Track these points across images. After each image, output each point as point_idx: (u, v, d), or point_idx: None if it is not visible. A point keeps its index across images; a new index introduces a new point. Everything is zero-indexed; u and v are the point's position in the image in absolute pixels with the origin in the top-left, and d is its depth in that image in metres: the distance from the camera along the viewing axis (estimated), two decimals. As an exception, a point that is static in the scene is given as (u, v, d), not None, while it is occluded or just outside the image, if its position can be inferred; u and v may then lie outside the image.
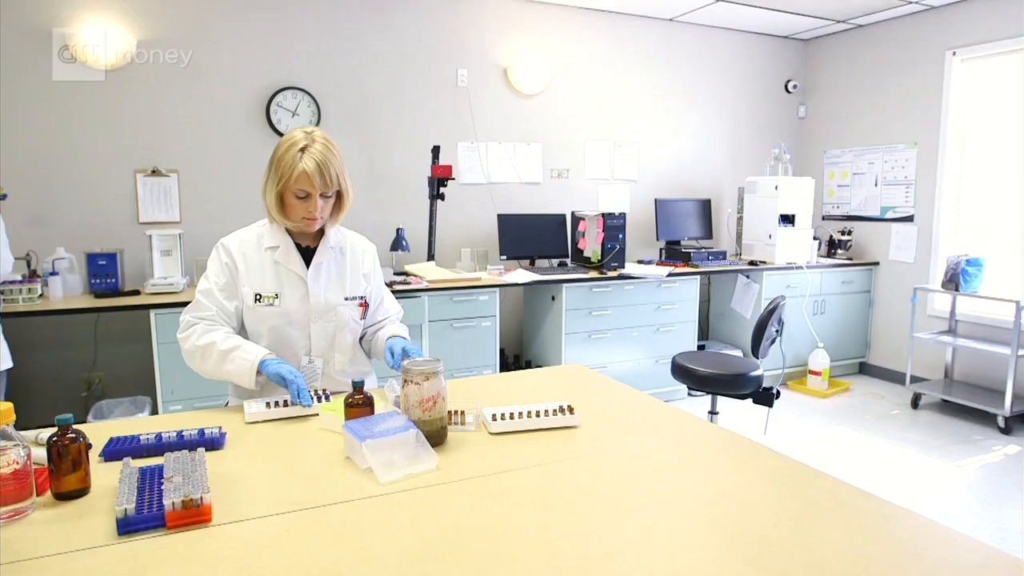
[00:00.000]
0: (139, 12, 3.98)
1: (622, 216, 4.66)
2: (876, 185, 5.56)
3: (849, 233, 5.63)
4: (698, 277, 4.93)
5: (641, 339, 4.74)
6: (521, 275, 4.42)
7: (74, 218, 3.94)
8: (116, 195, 4.03)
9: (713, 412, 3.44)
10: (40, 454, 1.30)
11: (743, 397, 3.25)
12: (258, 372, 1.76)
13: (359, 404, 1.51)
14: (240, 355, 1.77)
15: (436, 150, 4.46)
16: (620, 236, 4.65)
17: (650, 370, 4.75)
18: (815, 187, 5.51)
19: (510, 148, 5.04)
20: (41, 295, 3.56)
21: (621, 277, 4.59)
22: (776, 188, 5.12)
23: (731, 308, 5.41)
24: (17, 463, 1.19)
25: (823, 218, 5.97)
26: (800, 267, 5.18)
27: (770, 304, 3.54)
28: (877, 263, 5.58)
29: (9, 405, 1.20)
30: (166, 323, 3.51)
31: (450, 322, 4.12)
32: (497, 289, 4.27)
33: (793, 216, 5.16)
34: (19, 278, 3.53)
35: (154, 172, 4.10)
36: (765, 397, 3.22)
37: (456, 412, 1.59)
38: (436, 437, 1.46)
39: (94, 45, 3.88)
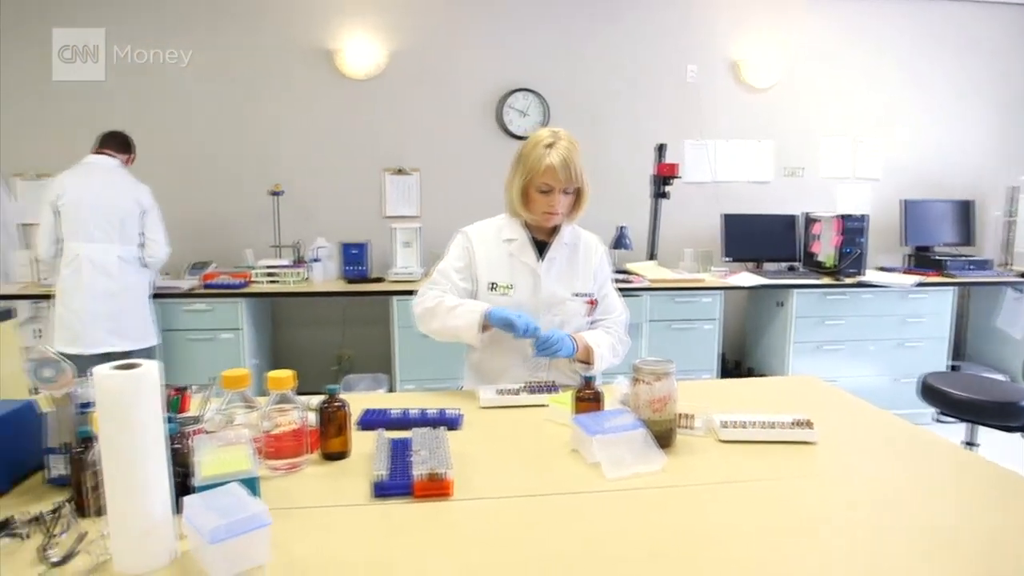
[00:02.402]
0: (390, 27, 4.39)
1: (863, 218, 4.26)
2: None
3: None
4: (953, 289, 4.36)
5: (879, 354, 4.30)
6: (746, 278, 4.21)
7: (332, 211, 4.45)
8: (367, 191, 4.50)
9: (971, 443, 3.03)
10: (310, 418, 1.49)
11: (1011, 429, 2.82)
12: (484, 328, 1.85)
13: (589, 399, 1.54)
14: (466, 309, 1.88)
15: (661, 148, 4.40)
16: (860, 240, 4.26)
17: (888, 389, 4.29)
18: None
19: (739, 145, 4.82)
20: (305, 279, 4.07)
21: (860, 285, 4.20)
22: (1062, 188, 4.38)
23: (996, 326, 4.72)
24: (295, 423, 1.37)
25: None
26: (1090, 282, 4.38)
27: (1050, 323, 3.03)
28: None
29: (292, 372, 1.38)
30: (405, 309, 3.81)
31: (670, 323, 4.04)
32: (720, 291, 4.12)
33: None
34: (289, 263, 4.06)
35: (399, 171, 4.50)
36: (1041, 431, 2.78)
37: (684, 415, 1.56)
38: (664, 438, 1.44)
39: (354, 57, 4.35)
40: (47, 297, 3.59)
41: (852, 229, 4.25)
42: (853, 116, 4.92)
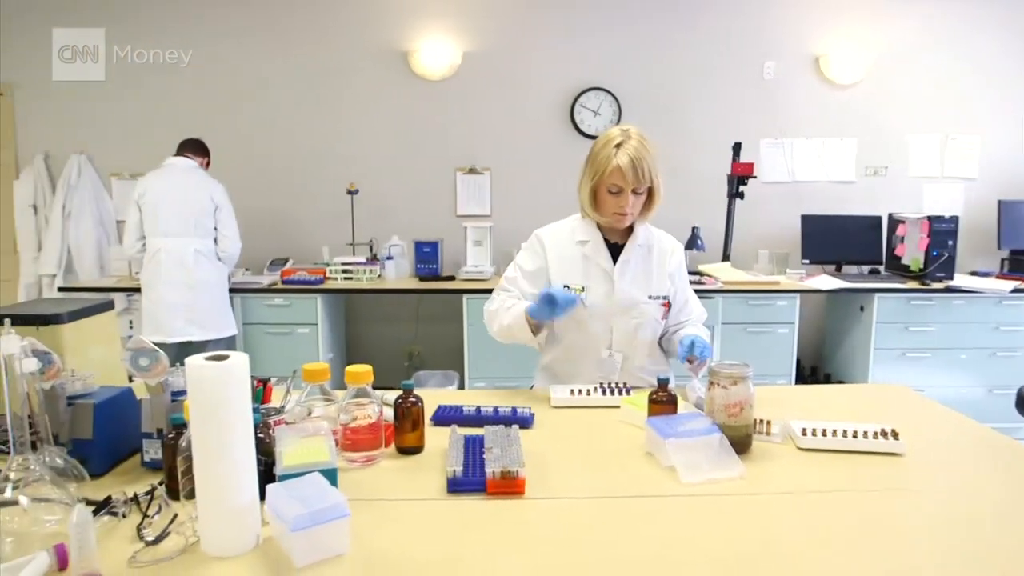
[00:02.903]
0: (465, 28, 4.44)
1: (953, 220, 4.06)
2: None
3: None
4: (1054, 295, 4.10)
5: (971, 363, 4.08)
6: (826, 281, 4.07)
7: (406, 210, 4.54)
8: (439, 190, 4.56)
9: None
10: (386, 413, 1.52)
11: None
12: (536, 331, 1.86)
13: (663, 401, 1.52)
14: (516, 308, 1.89)
15: (737, 147, 4.30)
16: (950, 243, 4.05)
17: (982, 400, 4.06)
18: None
19: (819, 144, 4.66)
20: (379, 276, 4.15)
21: (949, 290, 4.00)
22: None
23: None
24: (372, 417, 1.40)
25: None
26: None
27: None
28: None
29: (369, 367, 1.41)
30: (476, 307, 3.87)
31: (744, 326, 3.94)
32: (797, 295, 3.99)
33: None
34: (363, 260, 4.16)
35: (471, 170, 4.55)
36: None
37: (761, 421, 1.52)
38: (741, 444, 1.41)
39: (429, 58, 4.41)
40: (138, 290, 3.79)
41: (941, 231, 4.05)
42: (945, 112, 4.68)
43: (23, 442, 1.07)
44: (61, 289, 4.19)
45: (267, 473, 1.14)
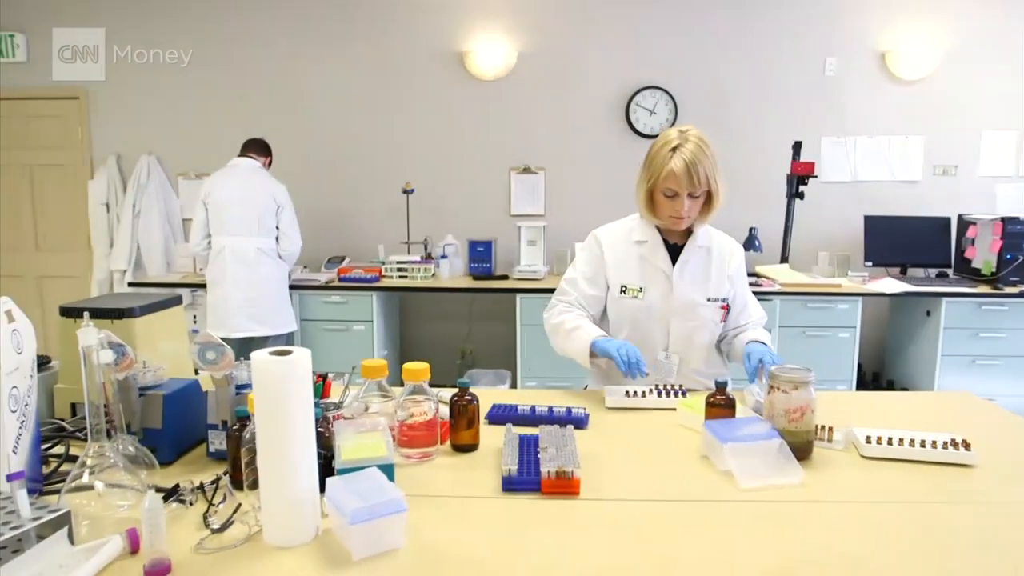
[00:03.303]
0: (520, 28, 4.45)
1: (1029, 221, 3.88)
2: None
3: None
4: None
5: (1047, 372, 3.90)
6: (889, 284, 3.94)
7: (460, 209, 4.57)
8: (493, 190, 4.59)
9: None
10: (442, 410, 1.53)
11: None
12: (593, 355, 1.85)
13: (721, 405, 1.49)
14: (579, 335, 1.88)
15: (797, 146, 4.19)
16: (1025, 245, 3.88)
17: (1056, 410, 3.88)
18: None
19: (883, 142, 4.52)
20: (433, 274, 4.20)
21: (1023, 295, 3.83)
22: None
23: None
24: (427, 414, 1.42)
25: None
26: None
27: None
28: None
29: (426, 365, 1.43)
30: (529, 306, 3.87)
31: (803, 329, 3.85)
32: (859, 298, 3.88)
33: None
34: (418, 259, 4.21)
35: (525, 170, 4.55)
36: None
37: (823, 427, 1.48)
38: (801, 451, 1.37)
39: (484, 58, 4.44)
40: (202, 286, 3.92)
41: (1016, 233, 3.87)
42: (1020, 109, 4.48)
43: (99, 430, 1.11)
44: (130, 284, 4.37)
45: (326, 467, 1.17)
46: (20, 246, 4.90)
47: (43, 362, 1.60)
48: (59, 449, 1.40)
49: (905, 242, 4.31)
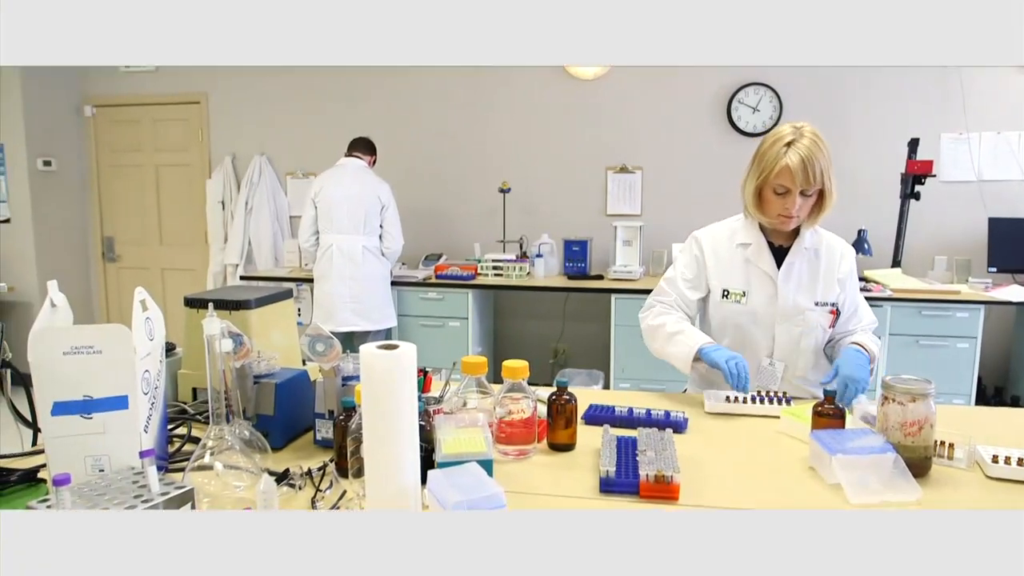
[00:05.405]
0: (622, 23, 4.39)
1: None
2: None
3: None
4: None
5: None
6: (1018, 292, 3.65)
7: (556, 208, 4.58)
8: (589, 189, 4.56)
9: None
10: (539, 408, 1.54)
11: None
12: (696, 359, 1.79)
13: (829, 414, 1.43)
14: (682, 339, 1.83)
15: (914, 143, 3.95)
16: None
17: None
18: None
19: (1013, 138, 4.19)
20: (528, 273, 4.22)
21: None
22: None
23: None
24: (525, 412, 1.43)
25: None
26: None
27: None
28: None
29: (526, 363, 1.44)
30: (624, 307, 3.83)
31: (916, 338, 3.63)
32: (981, 306, 3.61)
33: None
34: (513, 257, 4.25)
35: (622, 169, 4.51)
36: None
37: (942, 443, 1.39)
38: (918, 467, 1.30)
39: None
40: (307, 280, 4.09)
41: None
42: None
43: (219, 414, 1.18)
44: (242, 278, 4.63)
45: (427, 459, 1.20)
46: (147, 240, 5.30)
47: (168, 348, 1.71)
48: (181, 430, 1.50)
49: (1035, 247, 3.99)
